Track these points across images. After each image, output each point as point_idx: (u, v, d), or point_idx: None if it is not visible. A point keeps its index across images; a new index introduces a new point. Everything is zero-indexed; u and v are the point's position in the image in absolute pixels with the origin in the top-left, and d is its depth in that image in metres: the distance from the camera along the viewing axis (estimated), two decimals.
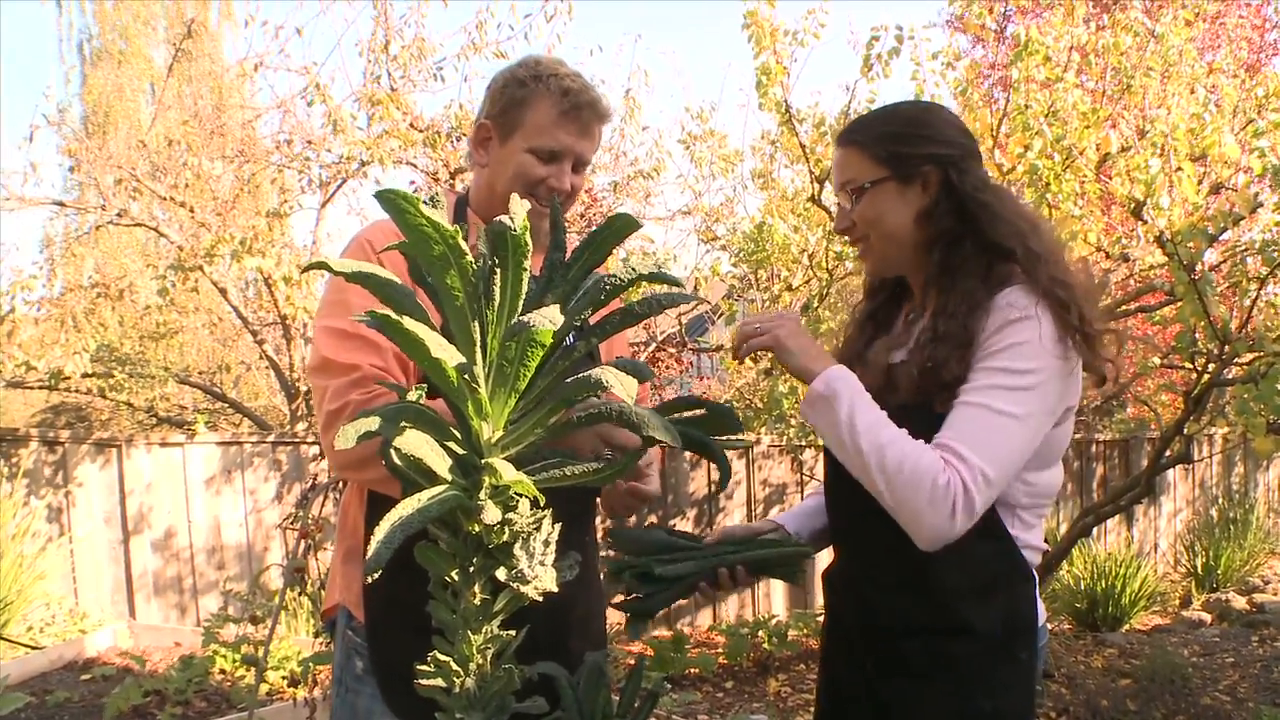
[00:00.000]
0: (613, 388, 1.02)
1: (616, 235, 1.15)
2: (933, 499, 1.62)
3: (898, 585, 1.80)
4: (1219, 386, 4.63)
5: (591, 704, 1.41)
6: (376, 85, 6.87)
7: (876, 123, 1.91)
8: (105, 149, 7.82)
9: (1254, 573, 8.76)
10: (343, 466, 1.88)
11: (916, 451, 1.65)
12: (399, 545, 1.04)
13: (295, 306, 6.13)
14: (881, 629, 1.84)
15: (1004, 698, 1.81)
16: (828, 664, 2.02)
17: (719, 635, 6.61)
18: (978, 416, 1.67)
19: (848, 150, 1.89)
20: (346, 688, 1.96)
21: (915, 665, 1.80)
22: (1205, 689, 5.63)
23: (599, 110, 1.99)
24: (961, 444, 1.65)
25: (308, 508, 3.73)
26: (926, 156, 1.83)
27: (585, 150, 1.99)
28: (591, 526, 2.19)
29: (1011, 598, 1.81)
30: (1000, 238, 1.80)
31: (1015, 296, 1.74)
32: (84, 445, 6.80)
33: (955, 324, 1.74)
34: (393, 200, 1.01)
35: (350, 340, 1.81)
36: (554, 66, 1.98)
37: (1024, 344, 1.69)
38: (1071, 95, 4.71)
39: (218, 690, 5.45)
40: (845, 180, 1.88)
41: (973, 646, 1.78)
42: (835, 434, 1.70)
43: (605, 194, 8.17)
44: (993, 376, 1.69)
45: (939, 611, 1.78)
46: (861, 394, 1.71)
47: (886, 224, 1.85)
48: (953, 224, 1.82)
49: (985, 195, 1.84)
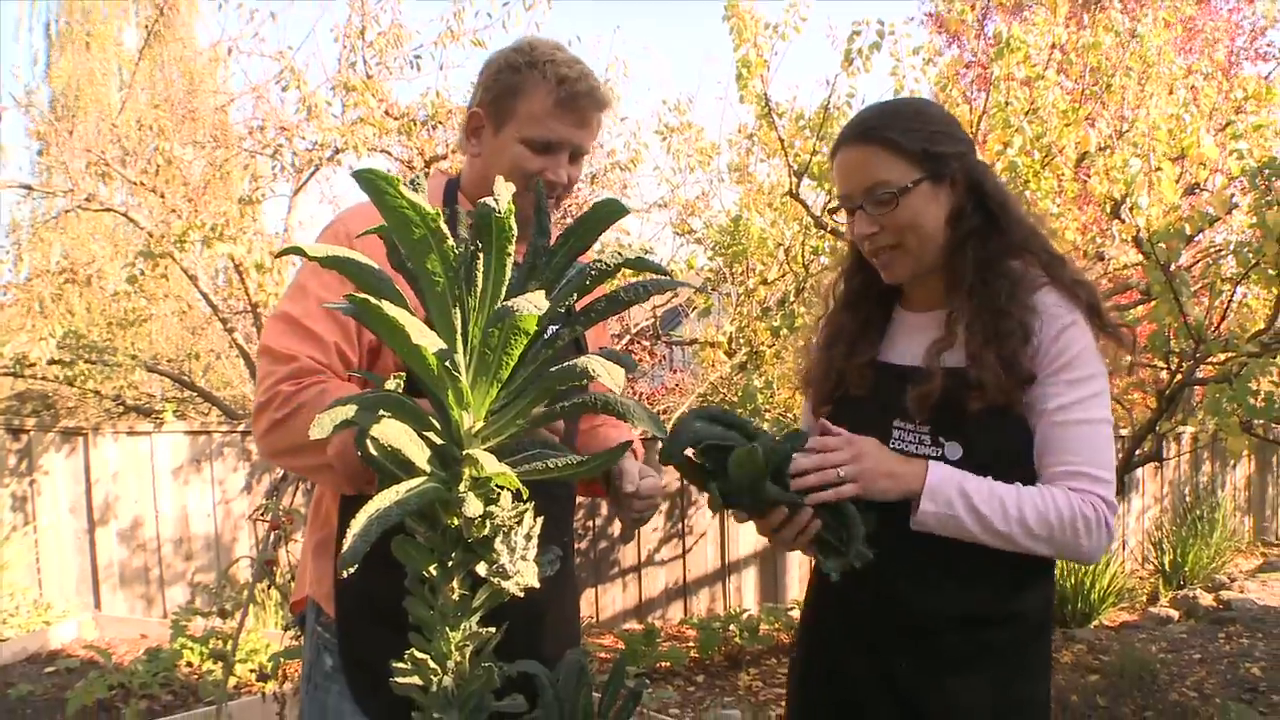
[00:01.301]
0: (600, 377, 0.99)
1: (603, 221, 1.11)
2: (1088, 533, 1.69)
3: (943, 578, 1.76)
4: (1192, 385, 4.65)
5: (572, 703, 1.38)
6: (352, 72, 6.79)
7: (901, 120, 1.80)
8: (75, 133, 7.70)
9: (1221, 570, 8.84)
10: (272, 454, 1.82)
11: (1048, 500, 1.68)
12: (374, 540, 1.00)
13: (267, 294, 6.05)
14: (921, 624, 1.79)
15: (1039, 681, 1.86)
16: (832, 665, 1.93)
17: (690, 629, 6.59)
18: (1083, 434, 1.71)
19: (872, 148, 1.78)
20: (315, 685, 1.91)
21: (957, 657, 1.78)
22: (1173, 685, 5.66)
23: (597, 99, 1.88)
24: (1085, 467, 1.70)
25: (278, 499, 3.68)
26: (955, 155, 1.79)
27: (583, 141, 1.89)
28: (570, 528, 2.13)
29: (1047, 581, 1.85)
30: (1023, 238, 1.82)
31: (1053, 300, 1.77)
32: (50, 433, 6.71)
33: (1011, 322, 1.73)
34: (372, 180, 0.97)
35: (294, 330, 1.78)
36: (550, 51, 1.86)
37: (1084, 349, 1.74)
38: (1051, 93, 4.72)
39: (185, 684, 5.38)
40: (877, 183, 1.77)
41: (1015, 633, 1.80)
42: (970, 536, 1.68)
43: (581, 185, 8.13)
44: (1076, 390, 1.72)
45: (990, 602, 1.77)
46: (967, 487, 1.67)
47: (925, 227, 1.78)
48: (980, 223, 1.80)
49: (1004, 194, 1.84)
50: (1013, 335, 1.72)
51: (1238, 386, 3.81)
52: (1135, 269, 5.21)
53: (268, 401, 1.73)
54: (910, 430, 1.80)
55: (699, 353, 6.98)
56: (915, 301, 1.93)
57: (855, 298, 1.99)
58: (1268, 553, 10.14)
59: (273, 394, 1.72)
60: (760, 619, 6.35)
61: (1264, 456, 10.77)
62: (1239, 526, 10.22)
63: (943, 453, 1.75)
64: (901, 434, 1.81)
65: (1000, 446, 1.74)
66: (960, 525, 1.66)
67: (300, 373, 1.73)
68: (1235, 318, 5.63)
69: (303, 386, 1.71)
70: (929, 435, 1.78)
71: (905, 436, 1.80)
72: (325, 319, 1.77)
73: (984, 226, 1.80)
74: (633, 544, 6.94)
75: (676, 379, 9.54)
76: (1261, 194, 3.79)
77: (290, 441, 1.72)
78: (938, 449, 1.76)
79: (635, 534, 6.90)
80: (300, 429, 1.65)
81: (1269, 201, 3.71)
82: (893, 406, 1.82)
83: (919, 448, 1.78)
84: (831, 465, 1.64)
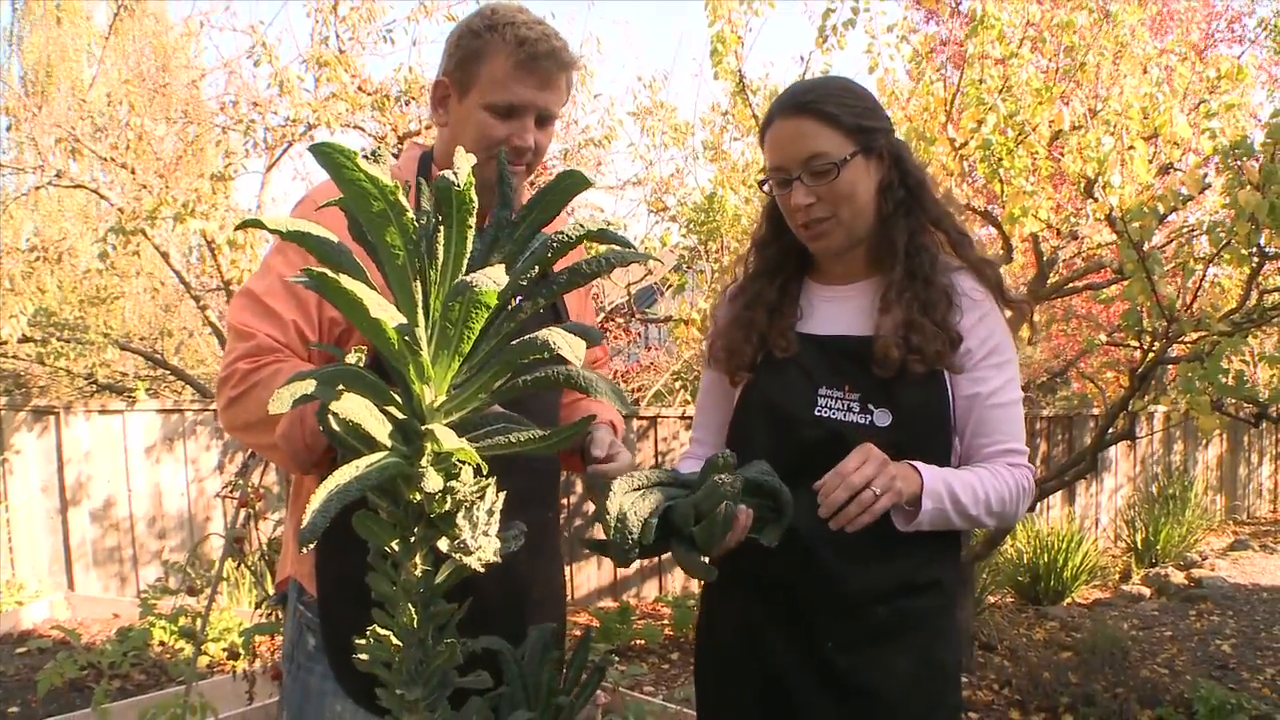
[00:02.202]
0: (560, 349, 0.98)
1: (566, 193, 1.10)
2: (1024, 501, 1.84)
3: (867, 551, 1.76)
4: (1164, 364, 4.68)
5: (536, 678, 1.37)
6: (324, 47, 6.72)
7: (835, 95, 1.82)
8: (45, 108, 7.60)
9: (1192, 548, 8.94)
10: (231, 429, 1.83)
11: (1002, 480, 1.80)
12: (340, 517, 0.99)
13: (239, 270, 6.00)
14: (849, 597, 1.81)
15: (955, 648, 1.93)
16: (752, 643, 1.91)
17: (665, 607, 6.61)
18: (1011, 414, 1.86)
19: (810, 120, 1.79)
20: (298, 665, 1.90)
21: (883, 629, 1.81)
22: (1144, 662, 5.73)
23: (561, 60, 1.83)
24: (1013, 443, 1.85)
25: (248, 476, 3.65)
26: (882, 130, 1.85)
27: (549, 103, 1.85)
28: (554, 501, 2.12)
29: (959, 549, 1.95)
30: (937, 215, 1.90)
31: (970, 285, 1.88)
32: (21, 413, 6.65)
33: (937, 290, 1.83)
34: (328, 154, 0.96)
35: (255, 306, 1.78)
36: (510, 14, 1.82)
37: (1003, 334, 1.87)
38: (1025, 71, 4.72)
39: (156, 663, 5.36)
40: (815, 154, 1.78)
41: (936, 601, 1.87)
42: (949, 525, 1.77)
43: (555, 161, 8.09)
44: (1002, 373, 1.85)
45: (914, 570, 1.82)
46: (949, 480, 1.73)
47: (860, 198, 1.83)
48: (904, 195, 1.87)
49: (922, 171, 1.92)
50: (940, 302, 1.82)
51: (1209, 365, 3.83)
52: (1109, 247, 5.22)
53: (226, 378, 1.74)
54: (838, 397, 1.83)
55: (673, 330, 6.95)
56: (832, 275, 1.97)
57: (771, 266, 2.01)
58: (1239, 531, 10.26)
59: (230, 370, 1.73)
60: None
61: (1236, 436, 10.88)
62: (1211, 505, 10.33)
63: (871, 419, 1.80)
64: (828, 400, 1.83)
65: (925, 413, 1.82)
66: (946, 517, 1.72)
67: (257, 350, 1.73)
68: (1208, 297, 5.67)
69: (258, 365, 1.71)
70: (858, 402, 1.81)
71: (832, 404, 1.83)
72: (285, 296, 1.77)
73: (908, 199, 1.87)
74: None
75: (651, 356, 9.52)
76: (1235, 174, 3.81)
77: (244, 419, 1.72)
78: (866, 416, 1.80)
79: None
80: (254, 407, 1.65)
81: (1240, 181, 3.72)
82: (820, 373, 1.85)
83: (847, 414, 1.81)
84: (863, 485, 1.59)
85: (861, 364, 1.82)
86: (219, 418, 1.82)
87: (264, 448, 1.75)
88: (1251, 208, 3.62)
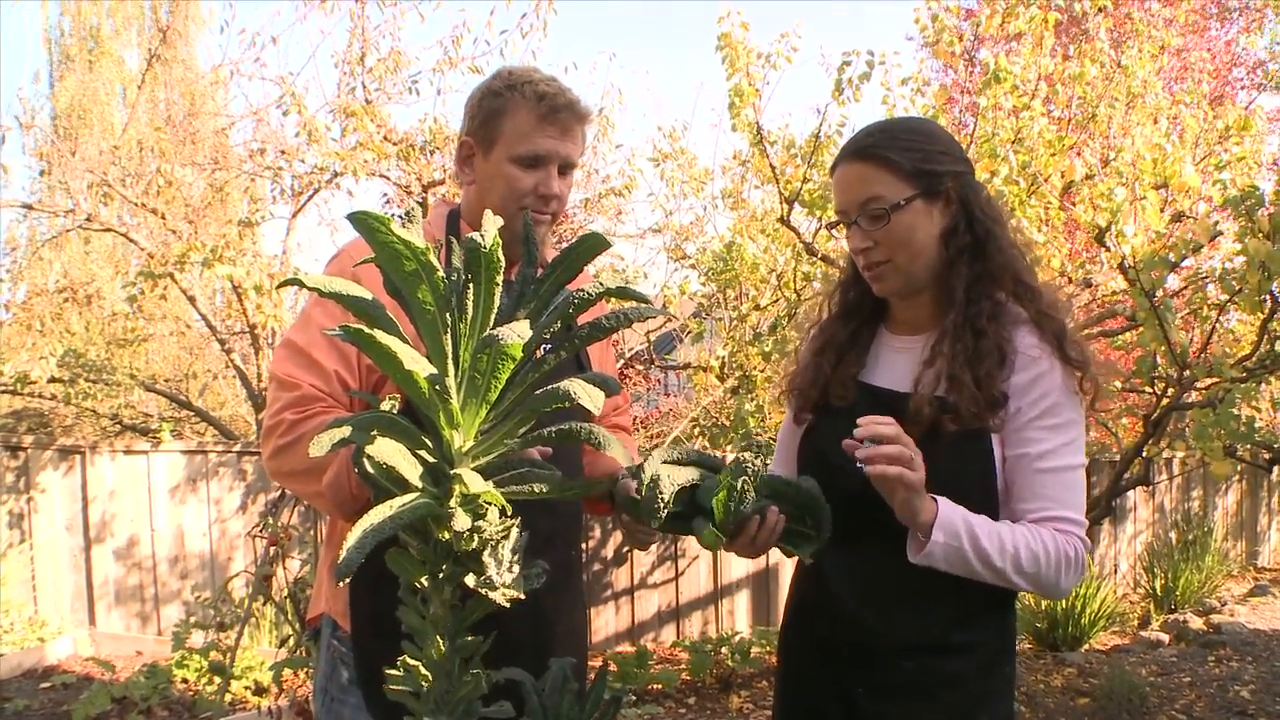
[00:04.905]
0: (579, 399, 1.06)
1: (587, 254, 1.18)
2: (1068, 572, 1.72)
3: (898, 605, 1.77)
4: (1178, 410, 4.71)
5: (556, 709, 1.43)
6: (351, 97, 6.87)
7: (896, 137, 1.82)
8: (78, 153, 7.77)
9: (1211, 594, 8.87)
10: (277, 477, 1.92)
11: (1038, 539, 1.70)
12: (374, 554, 1.06)
13: (265, 315, 6.11)
14: (878, 650, 1.80)
15: (996, 711, 1.85)
16: (796, 687, 1.95)
17: (682, 651, 6.62)
18: (1064, 479, 1.75)
19: (868, 165, 1.79)
20: (332, 697, 1.96)
21: (914, 685, 1.78)
22: (1162, 708, 5.70)
23: (577, 111, 1.96)
24: (1066, 510, 1.74)
25: (277, 516, 3.72)
26: (950, 174, 1.81)
27: (569, 152, 1.97)
28: (578, 543, 2.17)
29: (1004, 612, 1.86)
30: (1001, 264, 1.83)
31: (1031, 341, 1.79)
32: (47, 451, 6.74)
33: (989, 342, 1.76)
34: (364, 220, 1.05)
35: (298, 358, 1.86)
36: (527, 74, 1.96)
37: (1062, 394, 1.76)
38: (1038, 124, 4.80)
39: (180, 699, 5.41)
40: (870, 198, 1.78)
41: (973, 663, 1.80)
42: (968, 569, 1.68)
43: (576, 210, 8.19)
44: (1058, 435, 1.75)
45: (946, 630, 1.78)
46: (971, 520, 1.67)
47: (917, 243, 1.79)
48: (970, 241, 1.81)
49: (993, 218, 1.85)
50: (989, 356, 1.75)
51: (1221, 412, 3.87)
52: (1123, 295, 5.28)
53: (273, 428, 1.81)
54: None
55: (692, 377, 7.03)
56: (900, 325, 1.94)
57: (849, 310, 2.00)
58: (1258, 577, 10.17)
59: (277, 420, 1.81)
60: (752, 641, 6.39)
61: (1255, 481, 10.81)
62: (1230, 551, 10.25)
63: None
64: None
65: (963, 469, 1.75)
66: (964, 558, 1.66)
67: (303, 400, 1.81)
68: (1221, 343, 5.71)
69: (305, 415, 1.79)
70: None
71: None
72: (327, 347, 1.85)
73: (973, 246, 1.81)
74: (625, 566, 6.98)
75: (670, 403, 9.58)
76: (1246, 222, 3.86)
77: (291, 467, 1.80)
78: None
79: (628, 556, 6.93)
80: (301, 456, 1.72)
81: (1252, 230, 3.78)
82: None
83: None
84: (894, 439, 1.60)
85: (902, 419, 1.73)
86: (265, 465, 1.88)
87: (310, 495, 1.83)
88: (1262, 256, 3.67)
